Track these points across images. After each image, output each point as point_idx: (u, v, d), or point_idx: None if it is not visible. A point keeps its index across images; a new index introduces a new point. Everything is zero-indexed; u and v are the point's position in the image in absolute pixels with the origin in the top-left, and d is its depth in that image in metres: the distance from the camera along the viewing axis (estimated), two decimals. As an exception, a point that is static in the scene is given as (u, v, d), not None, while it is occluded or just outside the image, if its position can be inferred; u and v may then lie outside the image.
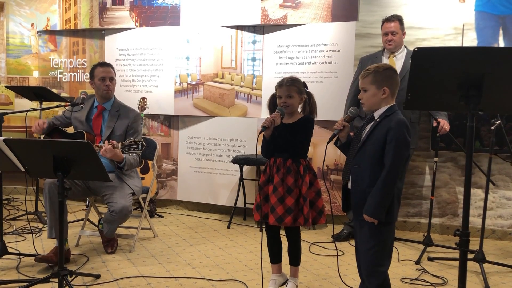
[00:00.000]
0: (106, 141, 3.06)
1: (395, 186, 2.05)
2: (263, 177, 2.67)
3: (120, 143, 3.03)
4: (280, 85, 2.62)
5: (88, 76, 4.97)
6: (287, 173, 2.57)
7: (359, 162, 2.13)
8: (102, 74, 3.35)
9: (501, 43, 3.93)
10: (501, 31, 3.93)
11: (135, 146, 2.98)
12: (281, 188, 2.56)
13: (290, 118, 2.63)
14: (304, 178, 2.58)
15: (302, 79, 2.67)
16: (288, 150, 2.60)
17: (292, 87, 2.58)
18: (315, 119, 2.70)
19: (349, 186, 2.21)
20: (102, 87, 3.36)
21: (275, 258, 2.76)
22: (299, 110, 2.68)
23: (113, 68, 3.46)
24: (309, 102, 2.66)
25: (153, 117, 4.79)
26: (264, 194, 2.63)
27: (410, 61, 1.91)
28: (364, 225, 2.10)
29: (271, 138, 2.54)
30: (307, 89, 2.67)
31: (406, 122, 2.07)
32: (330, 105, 4.08)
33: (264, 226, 3.96)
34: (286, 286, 2.73)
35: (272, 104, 2.71)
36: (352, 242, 3.66)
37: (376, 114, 2.14)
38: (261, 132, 2.50)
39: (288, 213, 2.53)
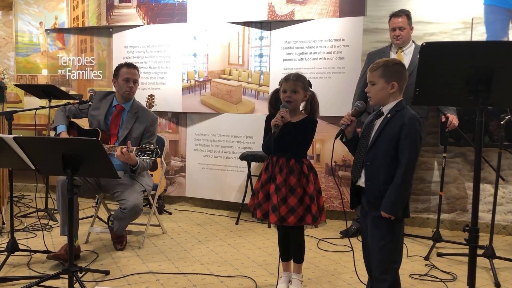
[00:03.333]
0: (120, 147, 3.06)
1: (412, 182, 2.05)
2: (264, 175, 2.62)
3: (135, 148, 3.02)
4: (286, 79, 2.58)
5: (100, 74, 5.02)
6: (290, 173, 2.54)
7: (372, 159, 2.10)
8: (127, 75, 3.33)
9: (511, 37, 3.88)
10: (510, 25, 3.89)
11: (150, 152, 2.97)
12: (284, 189, 2.53)
13: (293, 116, 2.58)
14: (308, 177, 2.55)
15: (310, 75, 2.66)
16: (291, 149, 2.56)
17: (298, 82, 2.55)
18: (317, 118, 2.66)
19: (359, 183, 2.18)
20: (124, 88, 3.33)
21: (287, 256, 2.75)
22: (301, 108, 2.66)
23: (138, 71, 3.41)
24: (312, 101, 2.62)
25: (161, 114, 4.80)
26: (266, 192, 2.60)
27: (418, 56, 1.89)
28: (378, 222, 2.08)
29: (278, 135, 2.48)
30: (311, 88, 2.65)
31: (418, 117, 2.06)
32: (337, 101, 4.07)
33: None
34: (291, 283, 2.72)
35: (274, 99, 2.67)
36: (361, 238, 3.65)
37: (385, 110, 2.11)
38: (274, 131, 2.43)
39: (291, 212, 2.51)
